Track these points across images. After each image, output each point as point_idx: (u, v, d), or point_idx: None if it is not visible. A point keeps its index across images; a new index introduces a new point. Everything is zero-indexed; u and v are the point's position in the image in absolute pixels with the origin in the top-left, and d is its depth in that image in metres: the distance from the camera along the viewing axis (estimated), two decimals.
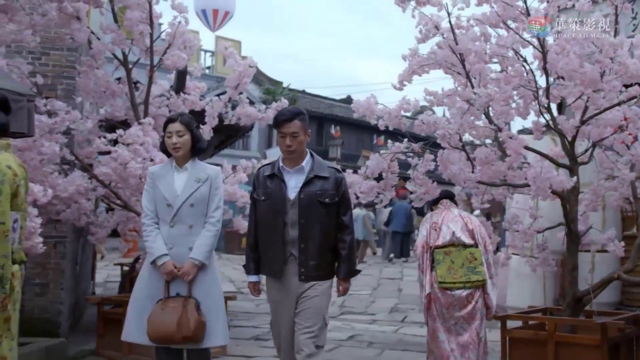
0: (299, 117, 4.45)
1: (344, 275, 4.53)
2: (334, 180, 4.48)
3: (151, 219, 4.61)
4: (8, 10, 6.26)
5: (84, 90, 7.00)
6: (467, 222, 5.52)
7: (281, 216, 4.44)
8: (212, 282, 4.60)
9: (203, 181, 4.59)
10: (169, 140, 4.59)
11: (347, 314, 10.50)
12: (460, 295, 5.35)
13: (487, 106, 5.70)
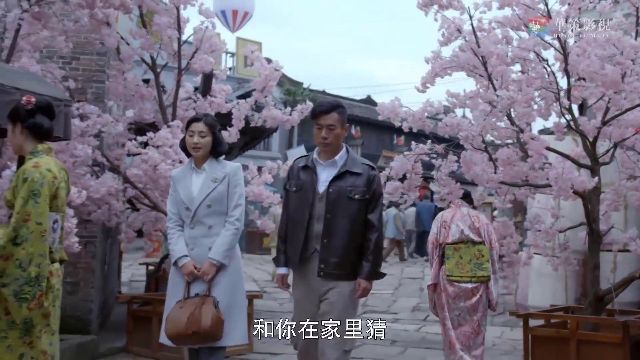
0: (337, 110, 4.37)
1: (365, 276, 4.30)
2: (366, 177, 4.35)
3: (174, 222, 4.63)
4: (42, 17, 6.46)
5: (114, 93, 7.18)
6: (474, 221, 5.87)
7: (309, 208, 4.34)
8: (233, 281, 4.55)
9: (220, 180, 4.54)
10: (190, 139, 4.56)
11: (370, 312, 10.62)
12: (466, 287, 5.76)
13: (509, 108, 5.79)
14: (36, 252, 3.65)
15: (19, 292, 3.61)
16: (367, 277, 4.30)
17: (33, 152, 3.80)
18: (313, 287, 4.32)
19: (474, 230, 5.81)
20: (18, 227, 3.61)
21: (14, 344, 3.68)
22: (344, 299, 4.25)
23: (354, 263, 4.30)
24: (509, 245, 6.97)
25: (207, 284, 4.45)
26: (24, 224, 3.62)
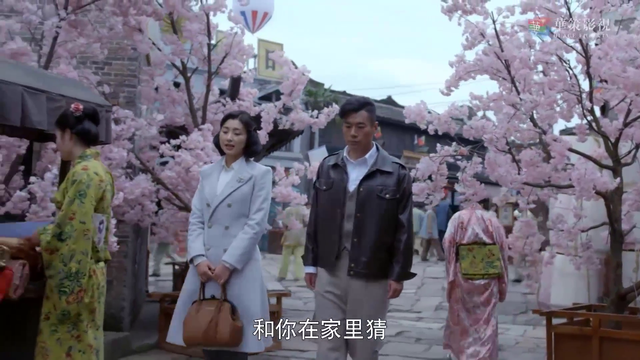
0: (366, 108, 4.32)
1: (395, 277, 4.28)
2: (396, 176, 4.31)
3: (197, 218, 4.54)
4: (78, 25, 6.70)
5: (146, 97, 7.41)
6: (488, 225, 6.48)
7: (339, 207, 4.31)
8: (249, 286, 4.42)
9: (245, 181, 4.45)
10: (225, 136, 4.48)
11: (394, 311, 10.73)
12: (479, 283, 6.42)
13: (532, 111, 5.93)
14: (78, 249, 3.87)
15: (60, 285, 3.84)
16: (397, 278, 4.28)
17: (82, 156, 4.02)
18: (341, 285, 4.29)
19: (487, 233, 6.41)
20: (63, 224, 3.84)
21: (63, 337, 3.90)
22: (374, 298, 4.24)
23: (383, 262, 4.27)
24: (531, 245, 7.10)
25: (221, 288, 4.35)
26: (69, 222, 3.85)
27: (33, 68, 5.70)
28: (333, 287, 4.32)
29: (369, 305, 4.22)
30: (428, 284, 14.46)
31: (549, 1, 6.37)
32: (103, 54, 6.93)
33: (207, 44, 7.11)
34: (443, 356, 7.27)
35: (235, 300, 4.33)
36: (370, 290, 4.23)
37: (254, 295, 4.42)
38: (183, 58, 7.27)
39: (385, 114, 34.20)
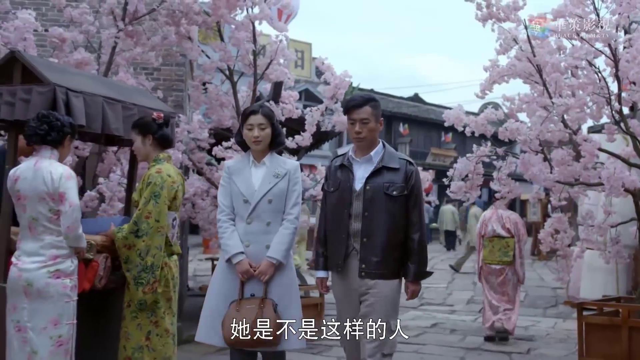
0: (370, 103, 4.24)
1: (412, 278, 4.22)
2: (404, 173, 4.20)
3: (227, 215, 4.40)
4: (134, 35, 7.16)
5: (196, 102, 7.84)
6: (505, 222, 8.14)
7: (346, 207, 4.21)
8: (290, 282, 4.37)
9: (281, 176, 4.36)
10: (250, 133, 4.37)
11: (427, 304, 11.13)
12: (495, 268, 8.10)
13: (564, 114, 6.26)
14: (153, 245, 4.34)
15: (137, 277, 4.32)
16: (414, 278, 4.22)
17: (156, 159, 4.47)
18: (353, 287, 4.22)
19: (504, 229, 8.09)
20: (139, 222, 4.31)
21: (142, 323, 4.38)
22: (384, 300, 4.15)
23: (395, 262, 4.20)
24: (562, 240, 7.42)
25: (264, 285, 4.24)
26: (145, 220, 4.32)
27: (109, 80, 6.16)
28: (347, 289, 4.26)
29: (378, 307, 4.12)
30: (459, 278, 14.83)
31: (578, 7, 6.71)
32: (158, 62, 7.39)
33: (252, 51, 7.52)
34: (478, 345, 7.65)
35: (277, 297, 4.24)
36: (381, 291, 4.14)
37: (293, 293, 4.37)
38: (230, 64, 7.69)
39: (412, 112, 34.57)
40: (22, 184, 3.92)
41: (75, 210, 3.91)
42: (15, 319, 3.89)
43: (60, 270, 3.90)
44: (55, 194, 3.88)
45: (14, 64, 4.35)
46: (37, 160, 3.98)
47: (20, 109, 4.18)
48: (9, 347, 3.91)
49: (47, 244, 3.91)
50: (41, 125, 3.99)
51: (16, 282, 3.87)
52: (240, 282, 4.25)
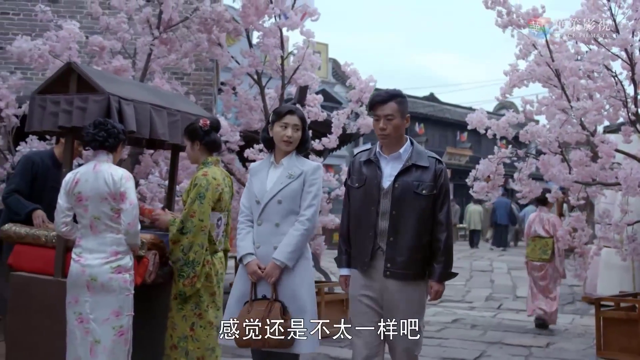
0: (395, 99, 4.12)
1: (437, 278, 4.09)
2: (433, 171, 4.07)
3: (245, 217, 4.36)
4: (168, 42, 7.49)
5: (226, 105, 8.16)
6: (544, 224, 9.06)
7: (374, 205, 4.09)
8: (301, 284, 4.24)
9: (295, 177, 4.26)
10: (284, 131, 4.29)
11: (446, 301, 11.37)
12: (536, 264, 9.08)
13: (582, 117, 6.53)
14: (195, 242, 4.65)
15: (180, 270, 4.63)
16: (439, 279, 4.10)
17: (204, 163, 4.78)
18: (377, 287, 4.10)
19: (544, 230, 9.01)
20: (185, 220, 4.62)
21: (187, 315, 4.69)
22: (410, 300, 4.06)
23: (421, 262, 4.09)
24: (580, 238, 7.69)
25: (272, 287, 4.18)
26: (190, 219, 4.63)
27: (153, 87, 6.48)
28: (368, 290, 4.13)
29: (405, 307, 4.03)
30: (476, 276, 15.06)
31: (595, 13, 6.96)
32: (191, 68, 7.71)
33: (281, 57, 7.83)
34: (499, 340, 7.92)
35: (287, 300, 4.17)
36: (406, 291, 4.05)
37: (307, 295, 4.25)
38: (259, 69, 8.00)
39: (428, 111, 34.77)
40: (83, 186, 4.23)
41: (134, 208, 4.25)
42: (77, 311, 4.21)
43: (121, 266, 4.23)
44: (116, 193, 4.20)
45: (70, 75, 4.68)
46: (95, 164, 4.30)
47: (78, 117, 4.51)
48: (70, 337, 4.23)
49: (109, 241, 4.24)
50: (99, 132, 4.31)
51: (79, 277, 4.19)
52: (252, 282, 4.22)
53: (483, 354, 7.13)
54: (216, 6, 7.61)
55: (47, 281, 4.62)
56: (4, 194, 5.69)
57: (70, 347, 4.25)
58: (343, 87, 30.85)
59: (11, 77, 7.74)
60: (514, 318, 9.80)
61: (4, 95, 7.47)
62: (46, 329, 4.56)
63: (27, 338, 4.65)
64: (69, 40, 6.34)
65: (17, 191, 5.54)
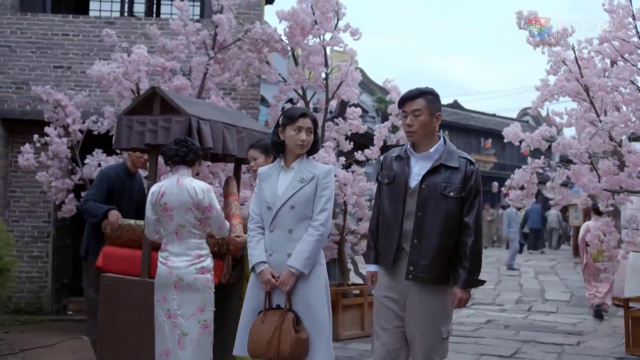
0: (424, 96, 4.01)
1: (462, 284, 3.93)
2: (463, 172, 3.94)
3: (255, 223, 4.23)
4: (221, 61, 8.08)
5: (274, 119, 8.72)
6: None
7: (400, 203, 4.00)
8: (316, 294, 4.10)
9: (307, 181, 4.12)
10: (297, 135, 4.15)
11: (478, 304, 11.86)
12: (599, 265, 9.73)
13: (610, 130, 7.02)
14: None
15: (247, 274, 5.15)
16: (463, 285, 3.94)
17: None
18: (399, 290, 4.03)
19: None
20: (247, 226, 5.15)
21: None
22: (433, 306, 3.97)
23: (445, 267, 3.96)
24: (608, 242, 8.15)
25: (286, 296, 4.05)
26: None
27: (221, 107, 7.09)
28: (391, 291, 4.08)
29: (427, 311, 3.95)
30: (505, 281, 15.50)
31: (621, 30, 7.45)
32: (243, 85, 8.30)
33: (325, 74, 8.39)
34: (532, 339, 8.40)
35: (301, 309, 4.06)
36: (429, 296, 3.96)
37: (322, 304, 4.11)
38: (304, 85, 8.56)
39: (452, 118, 35.16)
40: (169, 197, 4.80)
41: (220, 214, 4.87)
42: (165, 308, 4.77)
43: (204, 267, 4.80)
44: (200, 204, 4.77)
45: (154, 98, 5.26)
46: (178, 178, 4.87)
47: (162, 135, 5.10)
48: (159, 331, 4.79)
49: (192, 245, 4.80)
50: (180, 148, 4.88)
51: (167, 277, 4.76)
52: (266, 292, 4.11)
53: (518, 351, 7.62)
54: (265, 27, 8.19)
55: (136, 281, 5.21)
56: (81, 202, 6.29)
57: (159, 340, 4.82)
58: (369, 96, 31.42)
59: (77, 95, 8.40)
60: (544, 319, 10.27)
61: (71, 112, 8.14)
62: (135, 324, 5.15)
63: (117, 332, 5.24)
64: (138, 62, 6.95)
65: (93, 201, 6.15)
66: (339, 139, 8.84)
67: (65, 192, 8.31)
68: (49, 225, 9.57)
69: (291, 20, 8.08)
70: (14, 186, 9.57)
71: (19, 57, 9.44)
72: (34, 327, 8.33)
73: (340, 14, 8.29)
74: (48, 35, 9.51)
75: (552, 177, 7.31)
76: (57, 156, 8.13)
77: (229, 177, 5.95)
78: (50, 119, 8.25)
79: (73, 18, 9.64)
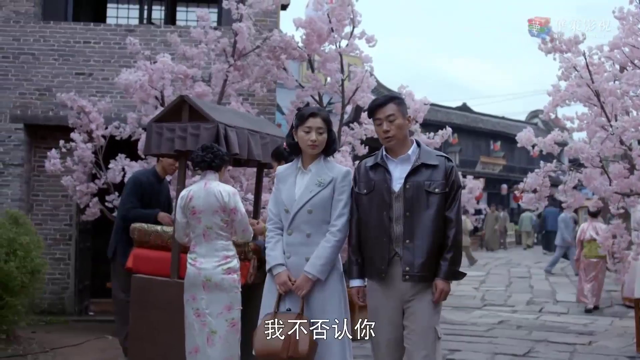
0: (394, 101, 4.07)
1: (443, 276, 3.94)
2: (443, 169, 4.00)
3: (274, 224, 4.20)
4: (241, 68, 8.31)
5: (290, 124, 8.93)
6: (597, 230, 11.14)
7: (385, 210, 3.98)
8: (331, 297, 4.09)
9: (325, 184, 4.08)
10: (307, 135, 4.12)
11: (489, 305, 12.04)
12: (592, 261, 11.77)
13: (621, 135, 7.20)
14: None
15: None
16: (445, 277, 3.96)
17: None
18: (395, 295, 4.01)
19: (596, 235, 11.01)
20: None
21: None
22: (429, 308, 3.98)
23: (437, 263, 3.98)
24: (619, 244, 8.33)
25: (301, 300, 4.04)
26: None
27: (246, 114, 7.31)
28: (387, 299, 4.04)
29: (425, 311, 3.97)
30: (516, 282, 15.68)
31: (631, 36, 7.64)
32: (262, 91, 8.53)
33: (341, 80, 8.60)
34: (544, 338, 8.58)
35: (317, 315, 4.03)
36: (425, 294, 3.97)
37: (338, 308, 4.09)
38: (321, 91, 8.77)
39: (461, 121, 35.32)
40: (197, 201, 5.02)
41: (245, 217, 5.08)
42: (194, 307, 4.99)
43: (230, 268, 5.01)
44: (226, 207, 4.98)
45: (182, 106, 5.49)
46: (205, 182, 5.09)
47: (191, 142, 5.32)
48: (189, 329, 5.01)
49: (219, 247, 5.02)
50: (207, 155, 5.10)
51: (196, 278, 4.97)
52: (278, 294, 4.10)
53: (531, 350, 7.81)
54: (283, 35, 8.40)
55: (166, 282, 5.43)
56: (123, 212, 6.50)
57: (189, 338, 5.03)
58: None
59: (100, 101, 8.65)
60: (556, 320, 10.44)
61: (95, 118, 8.38)
62: (165, 323, 5.37)
63: (148, 331, 5.46)
64: (163, 70, 7.19)
65: (133, 208, 6.38)
66: (354, 143, 9.07)
67: (89, 196, 8.54)
68: (70, 228, 9.81)
69: (308, 27, 8.31)
70: (36, 190, 9.82)
71: (42, 65, 9.69)
72: (59, 327, 8.56)
73: (356, 21, 8.52)
74: (70, 43, 9.75)
75: (564, 181, 7.50)
76: (81, 161, 8.37)
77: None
78: (74, 125, 8.50)
79: (94, 26, 9.88)
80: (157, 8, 11.91)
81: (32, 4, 9.77)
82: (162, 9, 11.93)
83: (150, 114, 7.76)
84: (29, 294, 6.65)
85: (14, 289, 6.31)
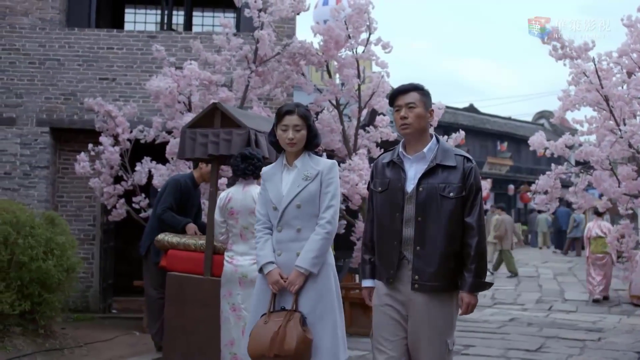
0: (417, 90, 3.83)
1: (468, 289, 3.68)
2: (461, 171, 3.72)
3: (262, 224, 4.21)
4: (262, 74, 8.61)
5: None
6: (602, 228, 12.94)
7: (398, 211, 3.76)
8: (324, 293, 4.05)
9: (312, 178, 4.06)
10: (284, 134, 4.11)
11: (500, 304, 12.35)
12: (598, 256, 13.02)
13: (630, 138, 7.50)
14: None
15: None
16: (470, 289, 3.69)
17: None
18: (403, 300, 3.78)
19: (602, 232, 12.77)
20: None
21: None
22: (440, 316, 3.72)
23: (451, 272, 3.72)
24: (627, 244, 8.61)
25: (294, 296, 3.99)
26: None
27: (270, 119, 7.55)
28: (393, 300, 3.81)
29: (433, 322, 3.71)
30: (524, 282, 15.98)
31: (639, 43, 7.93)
32: (283, 96, 8.83)
33: (358, 85, 8.90)
34: (555, 335, 8.87)
35: (310, 310, 4.00)
36: (435, 305, 3.71)
37: (330, 305, 4.05)
38: (338, 96, 9.07)
39: (468, 122, 35.50)
40: (234, 203, 5.33)
41: None
42: (231, 302, 5.29)
43: None
44: None
45: (214, 112, 5.79)
46: (244, 186, 5.39)
47: (224, 147, 5.62)
48: (225, 323, 5.31)
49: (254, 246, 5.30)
50: (249, 167, 5.39)
51: (233, 274, 5.28)
52: (272, 294, 4.07)
53: (543, 345, 8.10)
54: (303, 42, 8.70)
55: (200, 279, 5.74)
56: (160, 211, 6.78)
57: (225, 331, 5.34)
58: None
59: (125, 106, 8.97)
60: (565, 317, 10.73)
61: (121, 122, 8.70)
62: (200, 318, 5.67)
63: (183, 325, 5.77)
64: (191, 78, 7.50)
65: (169, 209, 6.69)
66: (369, 146, 9.35)
67: (116, 197, 8.85)
68: (94, 228, 10.13)
69: (326, 34, 8.60)
70: (61, 191, 10.15)
71: (67, 70, 10.01)
72: (86, 324, 8.87)
73: (372, 28, 8.81)
74: (94, 49, 10.07)
75: (575, 183, 7.80)
76: (109, 164, 8.68)
77: None
78: (101, 129, 8.81)
79: (117, 32, 10.21)
80: (175, 13, 12.25)
81: (57, 11, 10.10)
82: (178, 14, 12.27)
83: (175, 118, 8.07)
84: (65, 291, 6.96)
85: (51, 286, 6.62)
